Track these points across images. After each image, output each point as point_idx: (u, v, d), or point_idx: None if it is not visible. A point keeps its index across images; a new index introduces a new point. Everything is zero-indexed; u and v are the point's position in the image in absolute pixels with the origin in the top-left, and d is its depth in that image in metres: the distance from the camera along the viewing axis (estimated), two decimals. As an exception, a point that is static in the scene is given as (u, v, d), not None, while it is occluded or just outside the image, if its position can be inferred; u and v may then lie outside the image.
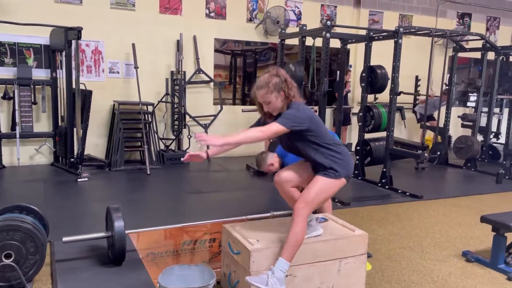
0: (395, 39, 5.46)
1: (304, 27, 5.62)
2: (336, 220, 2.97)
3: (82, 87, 5.88)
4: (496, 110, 8.35)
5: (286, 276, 2.44)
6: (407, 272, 3.18)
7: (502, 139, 8.23)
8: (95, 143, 6.61)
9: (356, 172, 6.11)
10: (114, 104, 6.58)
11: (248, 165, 6.58)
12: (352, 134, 8.45)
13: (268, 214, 3.63)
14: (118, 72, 6.69)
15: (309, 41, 5.72)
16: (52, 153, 6.33)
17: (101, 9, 6.44)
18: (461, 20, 9.56)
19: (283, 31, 6.02)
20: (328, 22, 5.00)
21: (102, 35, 6.50)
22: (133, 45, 6.45)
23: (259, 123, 2.73)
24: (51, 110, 6.20)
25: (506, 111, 8.27)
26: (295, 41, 6.66)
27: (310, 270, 2.60)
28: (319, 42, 5.76)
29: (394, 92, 5.54)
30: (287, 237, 2.46)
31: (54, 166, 6.24)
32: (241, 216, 3.88)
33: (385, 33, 5.83)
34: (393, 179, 5.70)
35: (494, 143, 8.17)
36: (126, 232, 2.98)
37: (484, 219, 3.31)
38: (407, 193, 5.35)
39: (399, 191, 5.46)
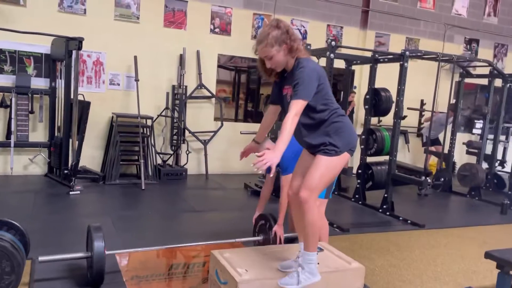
0: (401, 62, 5.35)
1: (309, 47, 5.52)
2: (332, 250, 2.80)
3: (80, 98, 5.79)
4: (502, 137, 8.20)
5: (318, 263, 2.41)
6: (406, 309, 2.99)
7: (508, 168, 8.05)
8: (91, 155, 6.49)
9: (357, 196, 5.94)
10: (112, 116, 6.48)
11: (246, 184, 6.42)
12: (353, 157, 8.28)
13: (259, 238, 3.46)
14: (118, 84, 6.60)
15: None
16: (47, 163, 6.20)
17: (104, 20, 6.39)
18: (468, 46, 9.48)
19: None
20: (333, 43, 4.91)
21: (104, 47, 6.44)
22: (135, 57, 6.37)
23: (274, 94, 2.58)
24: (48, 120, 6.10)
25: (512, 139, 8.14)
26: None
27: (301, 305, 2.43)
28: (323, 62, 5.68)
29: (398, 116, 5.41)
30: (303, 230, 2.38)
31: (48, 177, 6.10)
32: (233, 238, 3.73)
33: (391, 56, 5.72)
34: (395, 205, 5.51)
35: (500, 171, 7.99)
36: (109, 252, 2.83)
37: (488, 255, 3.12)
38: (409, 221, 5.17)
39: (401, 218, 5.27)
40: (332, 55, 4.91)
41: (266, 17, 7.44)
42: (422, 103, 8.96)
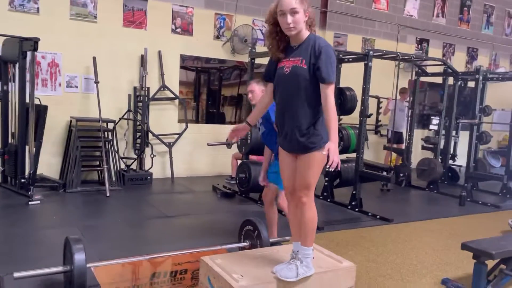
0: (365, 62, 5.47)
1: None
2: (322, 250, 2.80)
3: (36, 101, 5.45)
4: (453, 132, 8.62)
5: (313, 257, 2.48)
6: (391, 303, 3.05)
7: (458, 161, 8.48)
8: (48, 162, 6.13)
9: (325, 194, 6.02)
10: (71, 121, 6.16)
11: (215, 186, 6.33)
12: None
13: (245, 244, 3.40)
14: (76, 87, 6.29)
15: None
16: (0, 173, 5.79)
17: (59, 19, 6.06)
18: (419, 46, 9.90)
19: (252, 49, 5.90)
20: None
21: (59, 47, 6.10)
22: (94, 58, 6.09)
23: (271, 70, 2.52)
24: (1, 126, 5.69)
25: (461, 133, 8.55)
26: (262, 61, 6.57)
27: (297, 308, 2.41)
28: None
29: (364, 114, 5.53)
30: (301, 226, 2.41)
31: (2, 187, 5.69)
32: (212, 244, 3.64)
33: (355, 56, 5.84)
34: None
35: (452, 165, 8.39)
36: (91, 265, 2.66)
37: (465, 247, 3.26)
38: (378, 216, 5.30)
39: (369, 214, 5.40)
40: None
41: (228, 17, 7.37)
42: (379, 101, 9.23)
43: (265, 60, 6.24)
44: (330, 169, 2.16)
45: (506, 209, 6.28)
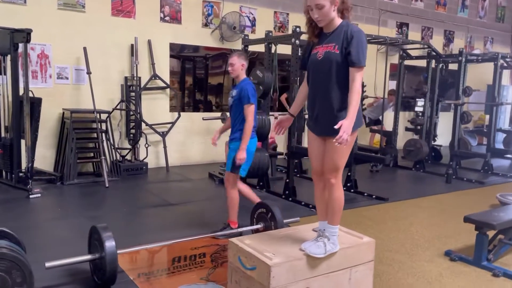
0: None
1: (270, 33, 5.60)
2: (341, 228, 2.94)
3: (30, 94, 5.36)
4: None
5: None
6: (402, 275, 3.24)
7: (439, 141, 8.81)
8: (42, 155, 6.07)
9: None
10: (63, 113, 6.09)
11: (211, 173, 6.41)
12: (306, 139, 8.57)
13: (258, 226, 3.52)
14: (67, 78, 6.20)
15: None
16: (-6, 167, 5.70)
17: (47, 10, 5.94)
18: (400, 30, 10.13)
19: (246, 36, 5.96)
20: (298, 29, 5.02)
21: (49, 38, 5.99)
22: (85, 49, 6.02)
23: (306, 58, 2.59)
24: (-8, 120, 5.59)
25: (441, 114, 8.86)
26: (255, 48, 6.65)
27: (324, 281, 2.55)
28: (281, 49, 5.82)
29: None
30: (328, 205, 2.54)
31: (-3, 182, 5.62)
32: (223, 228, 3.77)
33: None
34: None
35: (434, 145, 8.71)
36: (121, 251, 2.74)
37: (467, 219, 3.48)
38: (373, 196, 5.51)
39: (365, 194, 5.61)
40: (297, 41, 5.02)
41: (216, 4, 7.37)
42: (363, 85, 9.43)
43: (259, 47, 6.37)
44: (336, 144, 2.22)
45: (490, 185, 6.62)
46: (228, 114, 4.12)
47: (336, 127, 2.24)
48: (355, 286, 2.71)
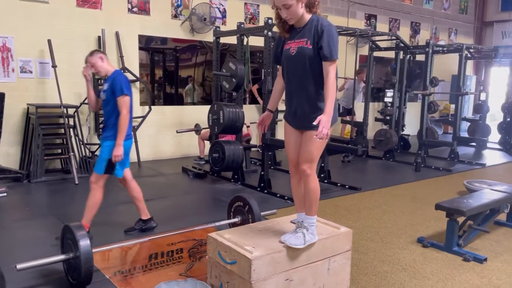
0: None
1: (242, 25, 5.55)
2: (319, 219, 2.96)
3: (-9, 89, 5.14)
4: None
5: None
6: (378, 263, 3.31)
7: (407, 131, 9.03)
8: (6, 152, 5.83)
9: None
10: (28, 108, 5.86)
11: (185, 168, 6.34)
12: (280, 132, 8.60)
13: (236, 220, 3.51)
14: (31, 72, 5.96)
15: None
16: (-46, 166, 5.44)
17: (9, 0, 5.67)
18: (368, 21, 10.27)
19: (217, 28, 5.89)
20: (270, 21, 5.00)
21: (10, 30, 5.73)
22: (49, 41, 5.80)
23: (278, 53, 2.59)
24: (-49, 117, 5.32)
25: (408, 104, 9.07)
26: (227, 40, 6.59)
27: (304, 273, 2.57)
28: (253, 41, 5.79)
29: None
30: (305, 196, 2.55)
31: (-42, 181, 5.36)
32: (198, 223, 3.73)
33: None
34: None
35: (402, 134, 8.92)
36: (96, 250, 2.66)
37: (438, 207, 3.58)
38: (347, 186, 5.60)
39: (338, 184, 5.69)
40: (270, 33, 5.00)
41: (185, -5, 7.24)
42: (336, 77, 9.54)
43: (230, 39, 6.32)
44: (318, 139, 2.27)
45: (457, 172, 6.85)
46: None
47: (314, 123, 2.28)
48: (334, 276, 2.74)
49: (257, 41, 6.15)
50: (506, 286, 2.95)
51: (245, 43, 5.64)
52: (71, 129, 5.84)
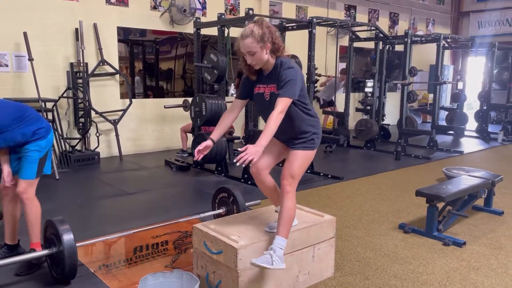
0: (309, 29, 5.67)
1: (223, 16, 5.52)
2: (303, 208, 3.01)
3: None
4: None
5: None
6: (361, 249, 3.37)
7: (387, 120, 9.16)
8: (-17, 149, 5.68)
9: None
10: (5, 102, 5.72)
11: (167, 161, 6.30)
12: (262, 123, 8.62)
13: (221, 211, 3.51)
14: (7, 65, 5.82)
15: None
16: None
17: (-20, -9, 5.52)
18: (348, 12, 10.33)
19: (198, 19, 5.84)
20: (251, 11, 4.98)
21: (-16, 23, 5.58)
22: (25, 34, 5.66)
23: (244, 89, 2.64)
24: None
25: (388, 94, 9.20)
26: (208, 31, 6.54)
27: (289, 260, 2.60)
28: (234, 32, 5.74)
29: (311, 81, 5.78)
30: (280, 215, 2.48)
31: None
32: (183, 215, 3.72)
33: (299, 23, 6.01)
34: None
35: (383, 124, 9.04)
36: (80, 244, 2.64)
37: (419, 193, 3.66)
38: (329, 176, 5.66)
39: (321, 174, 5.74)
40: (250, 24, 4.98)
41: (164, -14, 7.15)
42: (315, 68, 9.58)
43: (210, 31, 6.27)
44: (237, 164, 2.24)
45: (436, 160, 7.00)
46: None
47: (241, 149, 2.27)
48: (319, 263, 2.79)
49: (238, 32, 6.05)
50: (484, 269, 3.05)
51: (226, 34, 5.61)
52: (50, 124, 5.72)
